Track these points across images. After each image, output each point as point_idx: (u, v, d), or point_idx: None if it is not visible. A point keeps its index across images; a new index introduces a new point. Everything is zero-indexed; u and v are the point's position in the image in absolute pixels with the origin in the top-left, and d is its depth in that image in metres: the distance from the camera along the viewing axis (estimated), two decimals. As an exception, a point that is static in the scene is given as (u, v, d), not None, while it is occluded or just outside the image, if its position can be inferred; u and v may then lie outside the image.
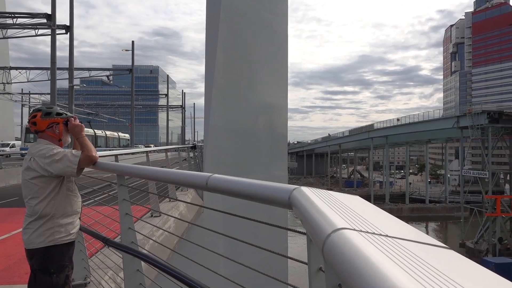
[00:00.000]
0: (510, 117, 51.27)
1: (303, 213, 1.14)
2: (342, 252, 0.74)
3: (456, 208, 77.10)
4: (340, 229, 0.82)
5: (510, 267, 42.26)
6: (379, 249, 0.73)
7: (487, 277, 0.74)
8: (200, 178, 2.17)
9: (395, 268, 0.65)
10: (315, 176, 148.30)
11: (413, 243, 0.82)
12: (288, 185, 1.51)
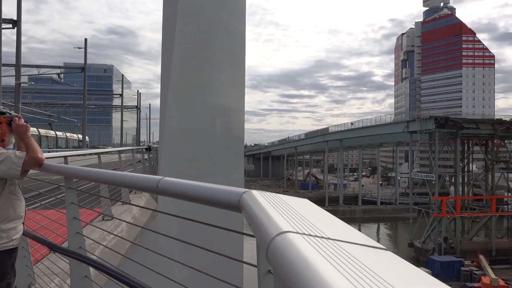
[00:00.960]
0: (455, 123, 54.07)
1: (251, 216, 1.15)
2: (284, 255, 0.76)
3: (405, 209, 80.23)
4: (284, 232, 0.84)
5: (455, 265, 44.52)
6: (319, 251, 0.76)
7: (420, 278, 0.77)
8: (151, 181, 2.12)
9: (332, 270, 0.67)
10: (272, 178, 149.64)
11: (352, 245, 0.84)
12: (238, 189, 1.51)
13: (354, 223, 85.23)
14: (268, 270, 1.38)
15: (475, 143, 59.05)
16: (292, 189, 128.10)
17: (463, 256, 48.53)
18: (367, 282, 0.65)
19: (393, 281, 0.67)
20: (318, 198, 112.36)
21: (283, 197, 1.31)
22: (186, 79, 12.89)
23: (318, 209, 1.27)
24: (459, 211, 53.48)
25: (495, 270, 43.29)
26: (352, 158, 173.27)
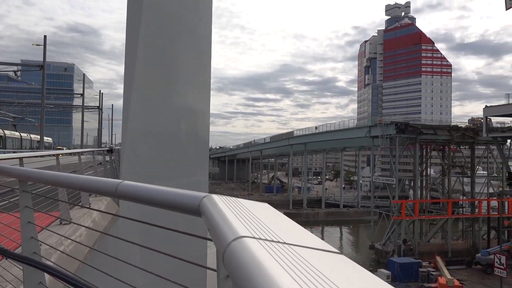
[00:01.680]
0: (415, 128, 55.95)
1: (209, 221, 1.14)
2: (239, 259, 0.78)
3: (367, 212, 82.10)
4: (241, 237, 0.85)
5: (413, 266, 45.92)
6: (273, 256, 0.77)
7: (369, 281, 0.79)
8: (109, 184, 2.06)
9: (284, 274, 0.69)
10: (237, 181, 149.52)
11: (306, 249, 0.86)
12: (198, 193, 1.50)
13: (317, 225, 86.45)
14: (226, 275, 1.37)
15: (433, 148, 61.38)
16: (257, 192, 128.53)
17: (421, 257, 50.18)
18: (316, 285, 0.68)
19: (341, 284, 0.70)
20: (283, 201, 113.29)
21: (243, 202, 1.30)
22: (151, 80, 12.67)
23: (277, 214, 1.28)
24: (418, 214, 55.29)
25: (451, 271, 45.01)
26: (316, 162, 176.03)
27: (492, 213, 56.88)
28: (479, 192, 60.93)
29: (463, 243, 57.84)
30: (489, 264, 45.35)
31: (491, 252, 47.03)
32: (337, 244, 75.64)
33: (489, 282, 43.63)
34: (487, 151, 62.58)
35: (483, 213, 57.71)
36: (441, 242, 57.69)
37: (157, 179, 11.49)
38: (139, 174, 11.87)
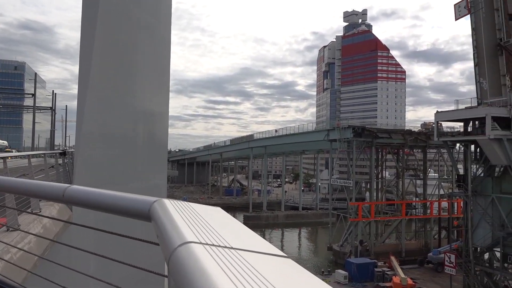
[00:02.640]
0: (371, 132, 57.62)
1: (158, 226, 1.10)
2: (183, 265, 0.78)
3: (325, 214, 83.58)
4: (187, 242, 0.85)
5: (369, 266, 47.16)
6: (218, 262, 0.77)
7: (315, 285, 0.80)
8: (56, 189, 1.96)
9: (227, 280, 0.70)
10: (196, 184, 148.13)
11: (254, 254, 0.86)
12: (148, 197, 1.45)
13: (277, 228, 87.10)
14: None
15: (388, 151, 63.47)
16: (216, 195, 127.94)
17: (377, 257, 51.64)
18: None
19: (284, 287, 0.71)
20: (243, 204, 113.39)
21: (195, 206, 1.27)
22: (107, 81, 12.29)
23: (228, 218, 1.26)
24: (374, 216, 56.92)
25: (404, 270, 46.61)
26: (276, 165, 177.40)
27: (443, 214, 59.49)
28: (431, 193, 63.54)
29: (416, 243, 60.12)
30: (440, 262, 47.34)
31: (441, 251, 49.12)
32: (296, 246, 76.50)
33: (440, 280, 45.54)
34: (438, 155, 65.42)
35: (434, 214, 60.26)
36: (395, 243, 59.66)
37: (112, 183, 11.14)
38: (94, 178, 11.47)
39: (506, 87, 37.19)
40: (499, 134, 34.07)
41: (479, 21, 38.85)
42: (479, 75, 38.72)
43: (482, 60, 38.45)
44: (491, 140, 34.11)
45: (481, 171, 38.91)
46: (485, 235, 37.29)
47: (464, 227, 41.31)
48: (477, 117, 36.74)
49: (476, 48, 38.95)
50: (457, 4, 41.26)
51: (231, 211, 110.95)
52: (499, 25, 38.18)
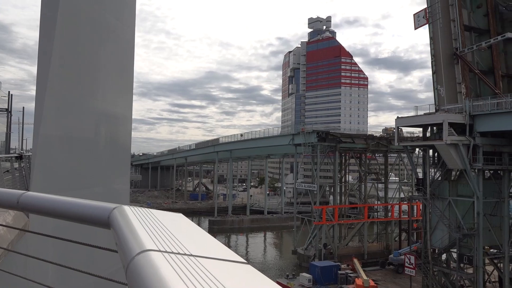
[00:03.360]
0: (334, 137, 58.68)
1: (117, 233, 1.07)
2: (141, 274, 0.77)
3: (290, 218, 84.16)
4: (146, 250, 0.84)
5: (333, 269, 47.84)
6: (176, 270, 0.77)
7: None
8: (10, 196, 1.86)
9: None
10: (161, 189, 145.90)
11: (213, 261, 0.86)
12: (108, 204, 1.40)
13: (242, 232, 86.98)
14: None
15: (351, 156, 64.84)
16: (181, 199, 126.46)
17: (340, 260, 52.53)
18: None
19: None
20: (208, 208, 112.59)
21: (156, 213, 1.24)
22: (67, 82, 11.89)
23: (189, 224, 1.23)
24: (337, 219, 57.89)
25: (366, 272, 47.60)
26: (241, 169, 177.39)
27: (403, 217, 61.28)
28: (392, 197, 65.39)
29: (378, 245, 61.61)
30: (400, 264, 48.67)
31: (402, 253, 50.53)
32: (261, 250, 76.61)
33: (400, 281, 46.82)
34: (399, 159, 67.45)
35: (395, 217, 62.00)
36: (358, 245, 60.91)
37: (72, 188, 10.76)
38: (52, 183, 11.05)
39: (461, 95, 38.85)
40: (455, 140, 35.52)
41: (436, 31, 40.46)
42: (437, 83, 40.27)
43: (439, 68, 40.02)
44: (448, 145, 35.50)
45: (439, 175, 40.39)
46: (443, 237, 38.69)
47: (423, 229, 42.70)
48: (435, 123, 38.15)
49: (434, 57, 40.50)
50: (417, 14, 42.83)
51: (196, 215, 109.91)
52: (455, 35, 39.90)
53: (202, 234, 1.15)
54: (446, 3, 40.19)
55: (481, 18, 42.69)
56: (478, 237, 35.69)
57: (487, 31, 41.86)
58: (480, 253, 35.88)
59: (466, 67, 39.57)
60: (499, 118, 34.97)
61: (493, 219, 37.32)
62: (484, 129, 35.92)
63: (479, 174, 36.16)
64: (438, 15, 40.13)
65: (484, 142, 36.05)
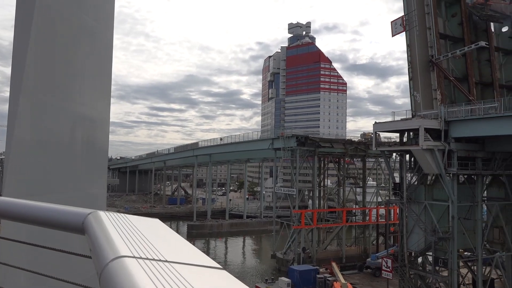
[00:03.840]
0: (314, 141, 59.13)
1: (91, 239, 1.04)
2: (115, 281, 0.77)
3: (269, 222, 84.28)
4: (120, 257, 0.83)
5: (311, 273, 48.05)
6: (150, 276, 0.77)
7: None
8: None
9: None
10: (139, 193, 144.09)
11: (188, 267, 0.85)
12: (83, 210, 1.37)
13: (221, 237, 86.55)
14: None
15: (330, 160, 65.44)
16: (160, 204, 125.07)
17: (319, 264, 52.79)
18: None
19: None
20: (186, 212, 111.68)
21: (132, 218, 1.22)
22: (42, 84, 11.62)
23: (166, 230, 1.22)
24: (316, 223, 58.25)
25: (345, 276, 48.01)
26: (221, 173, 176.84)
27: (380, 221, 62.09)
28: (370, 201, 66.21)
29: (356, 249, 62.25)
30: (377, 267, 49.26)
31: (379, 256, 51.15)
32: (240, 254, 76.40)
33: (377, 285, 47.38)
34: (376, 164, 68.42)
35: (372, 221, 62.77)
36: (336, 249, 61.40)
37: (47, 192, 10.51)
38: (27, 188, 10.78)
39: (437, 101, 39.73)
40: (431, 145, 36.26)
41: (413, 38, 41.33)
42: (413, 89, 41.08)
43: (416, 74, 40.86)
44: (424, 150, 36.21)
45: (415, 180, 41.13)
46: (419, 240, 39.36)
47: (399, 233, 43.34)
48: (411, 129, 38.87)
49: (410, 64, 41.33)
50: (394, 21, 43.67)
51: (174, 220, 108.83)
52: (431, 42, 40.84)
53: (178, 240, 1.13)
54: (422, 11, 41.11)
55: (455, 26, 43.84)
56: (453, 240, 36.45)
57: (461, 39, 42.98)
58: (454, 256, 36.64)
59: (442, 74, 40.51)
60: (472, 124, 35.90)
61: (467, 223, 38.19)
62: (458, 134, 36.80)
63: (454, 178, 36.98)
64: (415, 23, 41.01)
65: (459, 148, 36.91)
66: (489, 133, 35.51)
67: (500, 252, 40.23)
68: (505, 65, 46.05)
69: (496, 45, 45.38)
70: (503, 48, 45.80)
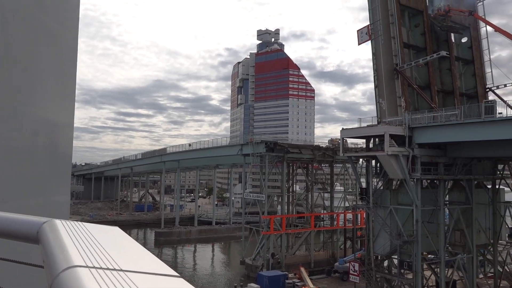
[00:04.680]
0: (282, 147, 59.53)
1: (45, 249, 1.00)
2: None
3: (239, 229, 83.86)
4: (72, 267, 0.82)
5: (280, 278, 48.18)
6: (101, 286, 0.76)
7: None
8: None
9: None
10: (104, 200, 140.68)
11: (145, 275, 0.85)
12: (38, 218, 1.31)
13: (189, 244, 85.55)
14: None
15: (298, 166, 66.03)
16: (126, 211, 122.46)
17: (288, 269, 52.99)
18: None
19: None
20: (154, 220, 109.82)
21: (90, 227, 1.17)
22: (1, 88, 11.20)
23: (124, 238, 1.18)
24: (285, 228, 58.51)
25: (313, 280, 48.40)
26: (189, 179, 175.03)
27: (348, 225, 63.06)
28: (337, 206, 67.15)
29: (324, 253, 62.92)
30: (345, 271, 49.91)
31: (347, 260, 51.86)
32: (209, 261, 75.71)
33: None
34: (344, 169, 69.56)
35: (340, 225, 63.66)
36: (305, 254, 61.84)
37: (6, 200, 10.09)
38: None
39: (401, 108, 40.88)
40: (396, 151, 37.22)
41: (378, 47, 42.45)
42: (379, 96, 42.13)
43: (381, 82, 41.94)
44: (389, 156, 37.12)
45: (381, 185, 42.07)
46: (385, 244, 40.21)
47: (366, 237, 44.12)
48: (377, 135, 39.78)
49: (376, 71, 42.41)
50: (360, 30, 44.74)
51: (141, 227, 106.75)
52: (395, 51, 42.06)
53: (136, 248, 1.10)
54: (387, 21, 42.32)
55: (418, 36, 45.37)
56: (417, 243, 37.43)
57: (424, 49, 44.51)
58: (418, 259, 37.63)
59: (405, 82, 41.75)
60: (435, 130, 37.14)
61: (430, 226, 39.35)
62: (421, 140, 37.95)
63: (418, 183, 38.06)
64: (380, 32, 42.15)
65: (422, 153, 38.05)
66: (450, 139, 36.83)
67: (461, 254, 41.65)
68: (464, 74, 48.04)
69: (457, 55, 47.30)
70: (463, 58, 47.77)
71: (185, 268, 68.89)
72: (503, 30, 42.73)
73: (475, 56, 47.20)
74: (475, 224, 41.71)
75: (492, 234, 44.34)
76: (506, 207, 45.93)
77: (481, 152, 38.51)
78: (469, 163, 40.50)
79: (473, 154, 39.06)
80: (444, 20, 43.48)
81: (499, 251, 45.29)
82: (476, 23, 47.40)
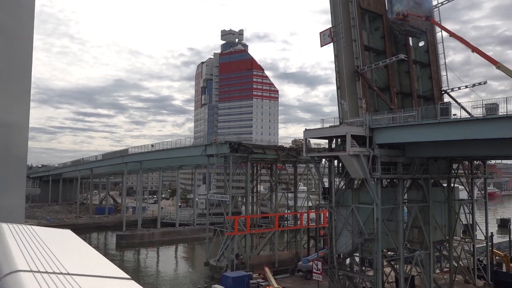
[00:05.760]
0: (246, 148, 59.59)
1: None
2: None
3: (203, 230, 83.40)
4: (15, 271, 0.80)
5: (244, 279, 48.16)
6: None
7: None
8: None
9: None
10: (63, 203, 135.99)
11: (93, 278, 0.84)
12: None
13: (152, 246, 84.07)
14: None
15: (263, 166, 66.32)
16: (86, 214, 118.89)
17: (252, 270, 53.06)
18: None
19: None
20: (116, 222, 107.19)
21: (39, 231, 1.11)
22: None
23: (76, 242, 1.13)
24: (249, 229, 58.59)
25: (277, 280, 48.69)
26: (152, 181, 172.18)
27: (311, 224, 63.92)
28: (301, 205, 67.93)
29: (288, 253, 63.49)
30: (309, 270, 50.55)
31: (310, 259, 52.55)
32: (172, 263, 74.67)
33: (309, 287, 48.59)
34: (307, 169, 70.46)
35: (304, 225, 64.44)
36: (269, 254, 62.15)
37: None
38: None
39: (362, 109, 41.85)
40: (357, 151, 38.06)
41: (340, 49, 43.26)
42: (341, 97, 42.94)
43: (343, 84, 42.75)
44: (351, 156, 37.90)
45: (343, 184, 42.88)
46: (347, 242, 41.02)
47: (329, 236, 44.85)
48: (339, 135, 40.51)
49: (338, 73, 43.20)
50: (322, 32, 45.43)
51: (102, 230, 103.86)
52: (356, 54, 43.01)
53: (87, 251, 1.05)
54: (348, 24, 43.20)
55: (378, 39, 46.61)
56: (377, 241, 38.43)
57: (383, 52, 45.77)
58: (379, 256, 38.64)
59: (366, 84, 42.77)
60: (394, 131, 38.26)
61: (390, 224, 40.52)
62: (381, 141, 38.99)
63: (378, 182, 39.07)
64: (342, 35, 42.96)
65: (382, 153, 39.09)
66: (408, 139, 38.07)
67: (419, 251, 43.16)
68: (422, 77, 49.81)
69: (414, 58, 48.94)
70: (420, 61, 49.51)
71: (148, 271, 67.60)
72: (457, 35, 44.63)
73: (432, 59, 49.02)
74: (432, 221, 43.32)
75: (448, 231, 46.23)
76: (460, 205, 48.01)
77: (437, 152, 40.01)
78: (426, 162, 42.00)
79: (430, 154, 40.53)
80: (403, 24, 44.89)
81: (454, 247, 47.27)
82: (432, 28, 49.25)
